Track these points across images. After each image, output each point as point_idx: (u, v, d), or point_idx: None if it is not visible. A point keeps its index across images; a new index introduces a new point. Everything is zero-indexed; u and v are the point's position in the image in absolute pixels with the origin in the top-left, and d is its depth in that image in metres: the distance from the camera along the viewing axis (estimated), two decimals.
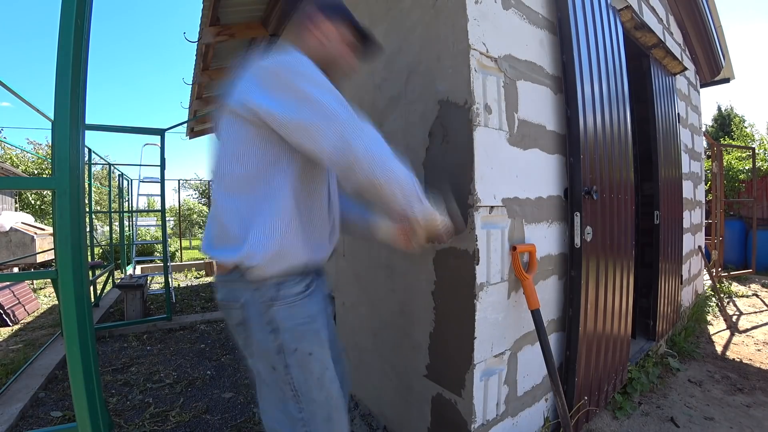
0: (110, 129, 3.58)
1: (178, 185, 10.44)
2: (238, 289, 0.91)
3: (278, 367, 0.90)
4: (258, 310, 0.90)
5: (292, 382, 0.90)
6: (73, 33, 0.96)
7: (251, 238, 0.87)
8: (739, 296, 4.35)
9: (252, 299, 0.90)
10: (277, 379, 0.91)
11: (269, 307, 0.89)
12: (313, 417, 0.90)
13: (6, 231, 6.58)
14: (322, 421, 0.91)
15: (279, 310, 0.90)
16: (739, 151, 8.07)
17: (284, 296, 0.90)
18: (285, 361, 0.90)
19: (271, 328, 0.89)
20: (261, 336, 0.90)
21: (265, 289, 0.89)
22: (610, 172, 1.79)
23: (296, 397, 0.90)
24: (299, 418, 0.90)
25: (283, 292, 0.90)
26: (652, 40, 2.36)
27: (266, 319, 0.89)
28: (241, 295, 0.91)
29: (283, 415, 0.91)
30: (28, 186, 2.96)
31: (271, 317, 0.89)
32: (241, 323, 0.93)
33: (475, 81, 1.25)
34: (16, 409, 2.02)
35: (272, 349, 0.89)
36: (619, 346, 1.94)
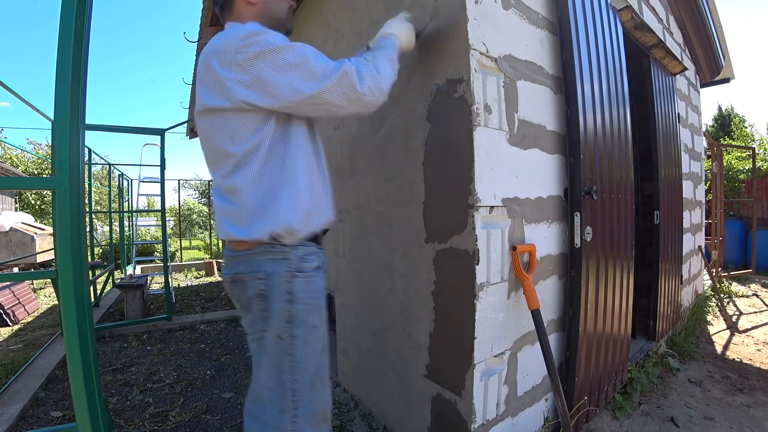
0: (110, 129, 3.58)
1: (178, 185, 10.43)
2: (263, 261, 0.97)
3: (285, 336, 0.95)
4: (281, 279, 0.96)
5: (293, 353, 0.95)
6: (73, 33, 0.96)
7: (283, 205, 0.95)
8: (739, 296, 4.35)
9: (277, 270, 0.96)
10: (280, 348, 0.95)
11: (293, 277, 0.96)
12: (302, 386, 0.96)
13: (6, 231, 6.58)
14: (308, 388, 0.97)
15: (300, 282, 0.97)
16: (739, 151, 8.08)
17: (306, 269, 0.99)
18: (292, 332, 0.95)
19: (288, 298, 0.96)
20: (279, 305, 0.95)
21: (293, 260, 0.97)
22: (610, 172, 1.79)
23: (293, 367, 0.95)
24: (290, 389, 0.95)
25: (306, 265, 0.99)
26: (652, 40, 2.36)
27: (286, 289, 0.96)
28: (266, 266, 0.96)
29: (275, 384, 0.96)
30: (28, 186, 2.96)
31: (291, 288, 0.96)
32: (260, 294, 0.97)
33: (475, 81, 1.25)
34: (16, 409, 2.02)
35: (284, 317, 0.95)
36: (619, 346, 1.94)
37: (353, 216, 1.99)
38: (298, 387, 0.96)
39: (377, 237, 1.79)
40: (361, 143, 1.88)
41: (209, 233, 11.23)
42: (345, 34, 2.07)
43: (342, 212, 2.09)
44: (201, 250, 12.75)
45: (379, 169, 1.75)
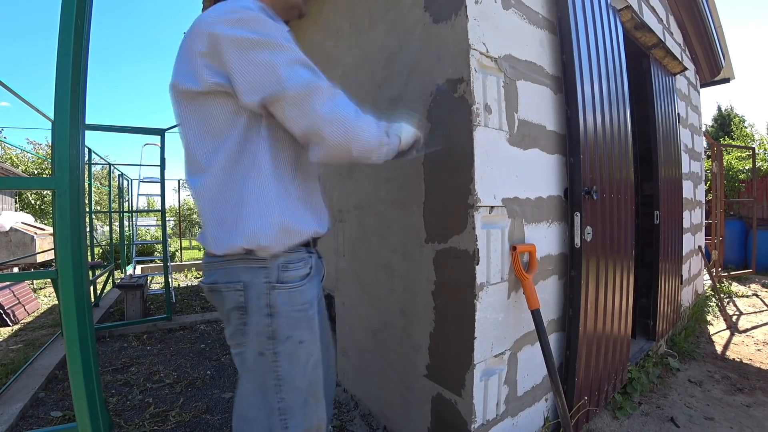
0: (110, 129, 3.58)
1: (178, 185, 10.43)
2: (239, 269, 0.88)
3: (266, 353, 0.87)
4: (259, 291, 0.87)
5: (277, 371, 0.88)
6: (73, 33, 0.96)
7: (249, 218, 0.85)
8: (739, 296, 4.35)
9: (255, 280, 0.87)
10: (263, 366, 0.88)
11: (272, 289, 0.87)
12: (291, 405, 0.89)
13: (6, 231, 6.58)
14: (298, 406, 0.90)
15: (280, 294, 0.88)
16: (739, 151, 8.08)
17: (288, 279, 0.89)
18: (275, 348, 0.87)
19: (268, 312, 0.87)
20: (257, 319, 0.87)
21: (272, 270, 0.87)
22: (610, 172, 1.79)
23: (278, 386, 0.88)
24: (277, 408, 0.88)
25: (288, 274, 0.89)
26: (652, 40, 2.36)
27: (265, 302, 0.87)
28: (243, 276, 0.88)
29: (260, 403, 0.89)
30: (28, 186, 2.96)
31: (271, 301, 0.87)
32: (237, 307, 0.88)
33: (475, 81, 1.25)
34: (16, 409, 2.02)
35: (264, 333, 0.87)
36: (619, 346, 1.94)
37: (353, 216, 1.99)
38: (286, 406, 0.88)
39: (377, 237, 1.79)
40: None
41: None
42: (345, 33, 2.07)
43: (342, 212, 2.09)
44: (201, 250, 12.74)
45: (379, 169, 1.75)
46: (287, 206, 0.90)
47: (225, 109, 0.86)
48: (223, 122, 0.86)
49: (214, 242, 0.89)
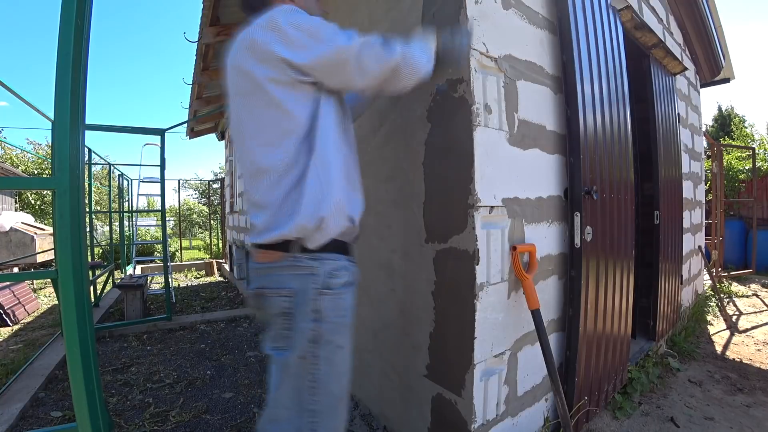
0: (110, 129, 3.58)
1: (178, 185, 10.44)
2: (288, 276, 0.91)
3: (308, 356, 0.90)
4: (307, 297, 0.90)
5: (315, 373, 0.90)
6: (73, 33, 0.96)
7: (307, 202, 0.89)
8: (739, 296, 4.35)
9: (304, 286, 0.90)
10: (302, 368, 0.90)
11: (320, 295, 0.90)
12: (322, 408, 0.91)
13: (6, 231, 6.58)
14: (328, 411, 0.92)
15: (327, 299, 0.91)
16: (739, 151, 8.08)
17: (334, 286, 0.93)
18: (317, 352, 0.90)
19: (314, 317, 0.90)
20: (303, 324, 0.90)
21: (320, 276, 0.91)
22: (610, 172, 1.79)
23: (313, 388, 0.90)
24: (309, 409, 0.90)
25: (335, 281, 0.93)
26: (652, 40, 2.36)
27: (313, 307, 0.90)
28: (291, 282, 0.91)
29: (291, 403, 0.91)
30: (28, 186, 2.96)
31: (318, 306, 0.90)
32: (284, 312, 0.91)
33: (475, 81, 1.25)
34: (16, 409, 2.02)
35: (309, 338, 0.90)
36: (619, 346, 1.94)
37: None
38: (318, 408, 0.91)
39: (377, 237, 1.79)
40: (361, 143, 1.88)
41: (209, 233, 11.23)
42: None
43: None
44: (201, 250, 12.76)
45: (379, 169, 1.75)
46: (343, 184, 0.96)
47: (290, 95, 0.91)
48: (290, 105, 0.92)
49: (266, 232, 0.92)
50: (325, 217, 0.90)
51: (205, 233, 15.02)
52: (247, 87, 0.92)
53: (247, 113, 0.94)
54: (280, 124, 0.91)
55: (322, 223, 0.90)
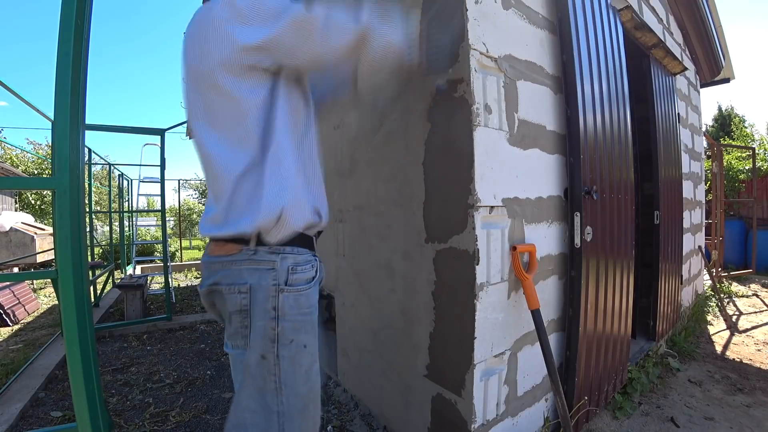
0: (110, 129, 3.58)
1: (178, 185, 10.44)
2: (245, 271, 0.86)
3: (268, 356, 0.85)
4: (265, 294, 0.85)
5: (278, 374, 0.85)
6: (73, 33, 0.96)
7: (266, 194, 0.84)
8: (739, 296, 4.35)
9: (261, 282, 0.85)
10: (263, 369, 0.85)
11: (279, 292, 0.85)
12: (290, 409, 0.86)
13: (6, 231, 6.58)
14: (297, 412, 0.87)
15: (288, 297, 0.86)
16: (739, 151, 8.08)
17: (296, 282, 0.88)
18: (278, 351, 0.85)
19: (273, 315, 0.85)
20: (261, 323, 0.85)
21: (281, 272, 0.86)
22: (610, 172, 1.79)
23: (278, 389, 0.85)
24: (275, 411, 0.85)
25: (296, 277, 0.88)
26: (652, 40, 2.36)
27: (271, 305, 0.85)
28: (249, 277, 0.86)
29: (258, 407, 0.86)
30: (28, 186, 2.96)
31: (277, 304, 0.85)
32: (240, 310, 0.86)
33: (475, 81, 1.25)
34: (16, 409, 2.02)
35: (268, 336, 0.85)
36: (619, 346, 1.94)
37: (353, 216, 1.99)
38: (285, 410, 0.85)
39: (377, 237, 1.79)
40: (361, 143, 1.88)
41: None
42: None
43: (342, 212, 2.09)
44: (201, 250, 12.75)
45: (379, 169, 1.75)
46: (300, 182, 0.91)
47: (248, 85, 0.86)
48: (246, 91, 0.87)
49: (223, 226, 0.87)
50: (285, 208, 0.85)
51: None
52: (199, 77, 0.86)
53: (201, 102, 0.88)
54: (233, 114, 0.85)
55: (281, 216, 0.85)
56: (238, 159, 0.85)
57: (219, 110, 0.85)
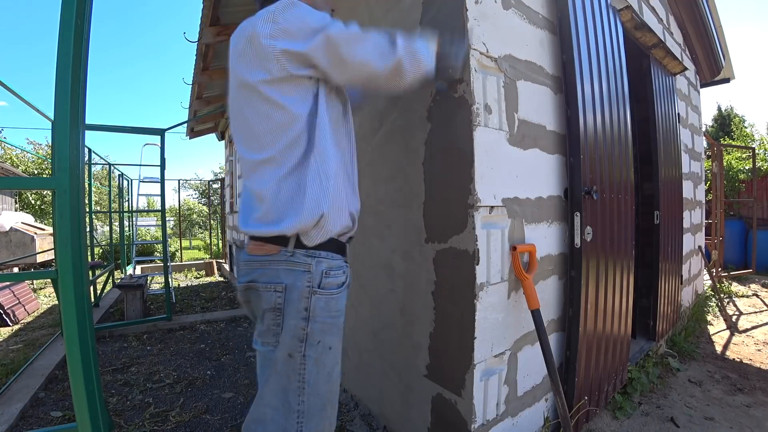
0: (110, 129, 3.58)
1: (178, 185, 10.44)
2: (282, 271, 0.90)
3: (296, 355, 0.89)
4: (299, 294, 0.89)
5: (303, 373, 0.89)
6: (73, 33, 0.96)
7: (309, 197, 0.88)
8: (739, 296, 4.35)
9: (296, 283, 0.89)
10: (290, 367, 0.89)
11: (312, 294, 0.89)
12: (309, 409, 0.90)
13: (6, 231, 6.58)
14: (316, 411, 0.91)
15: (320, 299, 0.90)
16: (739, 151, 8.08)
17: (328, 286, 0.92)
18: (305, 351, 0.89)
19: (305, 316, 0.89)
20: (293, 322, 0.89)
21: (315, 275, 0.90)
22: (610, 172, 1.79)
23: (300, 389, 0.89)
24: (296, 410, 0.89)
25: (329, 281, 0.92)
26: (652, 40, 2.36)
27: (304, 305, 0.89)
28: (285, 278, 0.89)
29: (279, 403, 0.89)
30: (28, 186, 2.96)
31: (309, 305, 0.89)
32: (274, 308, 0.90)
33: (475, 81, 1.25)
34: (16, 409, 2.02)
35: (298, 336, 0.89)
36: (619, 346, 1.94)
37: None
38: (305, 409, 0.89)
39: (377, 237, 1.79)
40: (361, 143, 1.88)
41: (209, 233, 11.23)
42: None
43: None
44: (201, 250, 12.76)
45: (379, 169, 1.75)
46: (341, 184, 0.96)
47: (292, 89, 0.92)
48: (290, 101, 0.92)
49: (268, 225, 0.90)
50: (324, 214, 0.89)
51: (205, 233, 15.03)
52: (244, 87, 0.91)
53: (248, 110, 0.92)
54: (279, 121, 0.89)
55: (321, 220, 0.89)
56: (283, 162, 0.90)
57: (268, 119, 0.90)
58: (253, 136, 0.92)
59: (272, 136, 0.90)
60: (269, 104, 0.88)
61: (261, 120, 0.90)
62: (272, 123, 0.89)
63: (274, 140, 0.90)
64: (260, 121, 0.90)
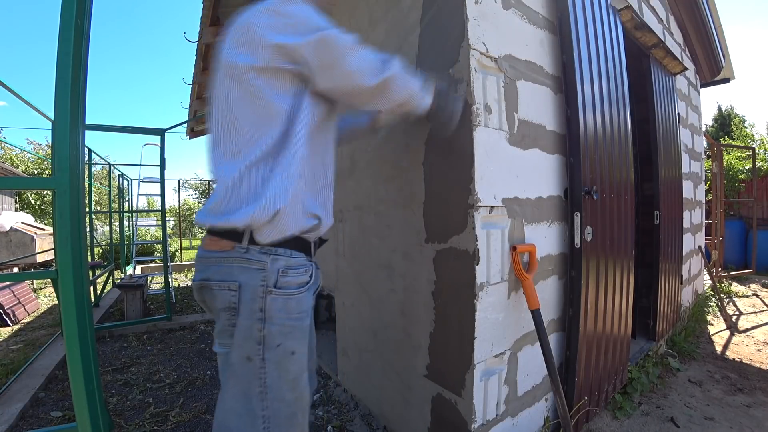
0: (110, 129, 3.58)
1: (178, 185, 10.44)
2: (236, 268, 0.86)
3: (254, 358, 0.84)
4: (253, 294, 0.84)
5: (263, 378, 0.85)
6: (73, 33, 0.96)
7: (269, 192, 0.84)
8: (739, 296, 4.35)
9: (250, 281, 0.85)
10: (249, 371, 0.85)
11: (267, 293, 0.85)
12: (276, 414, 0.86)
13: (6, 231, 6.58)
14: (285, 419, 0.87)
15: (276, 299, 0.85)
16: (739, 151, 8.07)
17: (286, 286, 0.87)
18: (263, 355, 0.85)
19: (261, 317, 0.84)
20: (247, 323, 0.84)
21: (270, 273, 0.85)
22: (610, 172, 1.79)
23: (263, 394, 0.85)
24: (260, 415, 0.85)
25: (287, 280, 0.87)
26: (652, 40, 2.36)
27: (258, 306, 0.84)
28: (239, 275, 0.85)
29: (243, 410, 0.85)
30: (28, 186, 2.96)
31: (265, 305, 0.85)
32: (228, 307, 0.86)
33: (475, 81, 1.25)
34: (16, 409, 2.02)
35: (254, 338, 0.84)
36: (619, 346, 1.94)
37: (353, 216, 1.99)
38: (270, 414, 0.85)
39: (377, 237, 1.79)
40: (361, 143, 1.88)
41: None
42: None
43: (342, 212, 2.09)
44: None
45: (379, 169, 1.75)
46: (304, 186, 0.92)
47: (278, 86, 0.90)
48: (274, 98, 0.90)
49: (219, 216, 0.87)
50: (280, 210, 0.85)
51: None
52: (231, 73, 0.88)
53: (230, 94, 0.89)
54: (259, 112, 0.87)
55: (276, 216, 0.85)
56: (253, 153, 0.86)
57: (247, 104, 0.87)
58: (230, 125, 0.88)
59: (250, 127, 0.87)
60: (253, 94, 0.86)
61: (242, 107, 0.87)
62: (252, 112, 0.86)
63: (251, 131, 0.87)
64: (241, 109, 0.87)
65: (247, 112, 0.87)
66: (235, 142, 0.88)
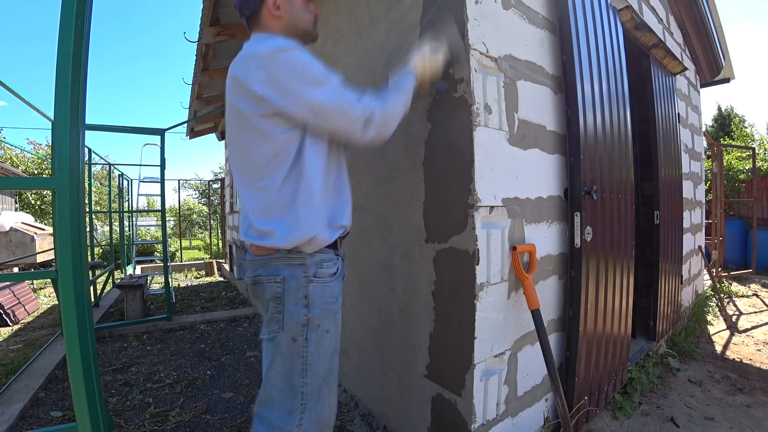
0: (110, 129, 3.58)
1: (178, 185, 10.44)
2: (280, 266, 1.01)
3: (299, 339, 0.99)
4: (297, 284, 1.00)
5: (305, 355, 0.99)
6: (73, 32, 0.96)
7: (301, 221, 0.99)
8: (739, 296, 4.35)
9: (294, 274, 1.00)
10: (294, 350, 0.99)
11: (309, 282, 1.01)
12: (311, 390, 1.00)
13: (6, 231, 6.58)
14: (315, 391, 1.00)
15: (315, 287, 1.02)
16: (739, 151, 8.07)
17: (322, 275, 1.04)
18: (306, 335, 0.99)
19: (305, 303, 1.00)
20: (294, 308, 0.99)
21: (310, 266, 1.02)
22: (610, 172, 1.79)
23: (304, 370, 0.99)
24: (300, 392, 0.98)
25: (322, 271, 1.04)
26: (652, 40, 2.36)
27: (303, 293, 1.00)
28: (283, 270, 1.01)
29: (285, 386, 0.99)
30: (28, 186, 2.96)
31: (307, 292, 1.01)
32: (275, 297, 1.01)
33: (475, 81, 1.25)
34: (16, 409, 2.02)
35: (300, 321, 0.99)
36: (619, 346, 1.94)
37: (353, 216, 1.98)
38: (307, 390, 0.99)
39: (377, 237, 1.79)
40: None
41: (209, 233, 11.23)
42: (345, 33, 2.07)
43: None
44: (201, 250, 12.76)
45: (379, 169, 1.75)
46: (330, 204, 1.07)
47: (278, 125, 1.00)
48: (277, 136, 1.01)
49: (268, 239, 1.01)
50: (314, 237, 1.00)
51: (205, 233, 15.03)
52: (239, 119, 1.00)
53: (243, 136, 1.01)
54: (270, 150, 0.98)
55: (312, 240, 1.00)
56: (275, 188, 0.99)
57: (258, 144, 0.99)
58: (248, 161, 1.01)
59: (265, 163, 0.98)
60: (263, 134, 0.97)
61: (255, 147, 0.99)
62: (265, 151, 0.98)
63: (267, 166, 0.98)
64: (255, 148, 0.99)
65: (262, 151, 0.98)
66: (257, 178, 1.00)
